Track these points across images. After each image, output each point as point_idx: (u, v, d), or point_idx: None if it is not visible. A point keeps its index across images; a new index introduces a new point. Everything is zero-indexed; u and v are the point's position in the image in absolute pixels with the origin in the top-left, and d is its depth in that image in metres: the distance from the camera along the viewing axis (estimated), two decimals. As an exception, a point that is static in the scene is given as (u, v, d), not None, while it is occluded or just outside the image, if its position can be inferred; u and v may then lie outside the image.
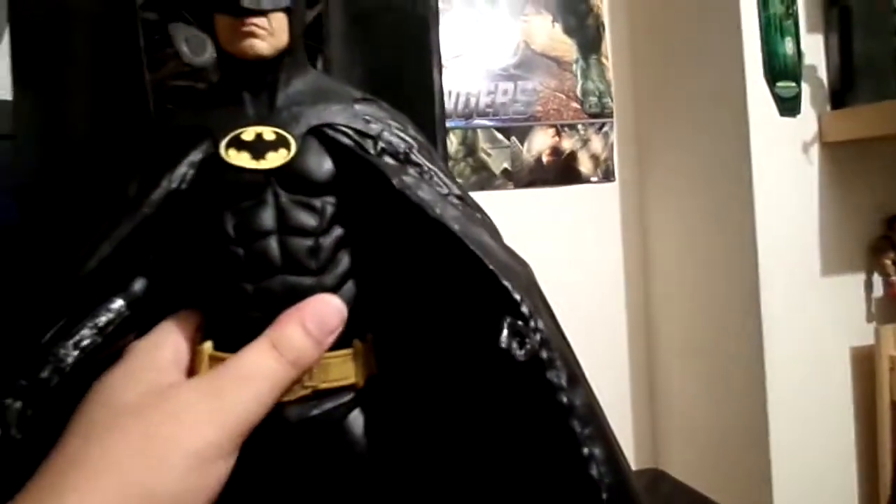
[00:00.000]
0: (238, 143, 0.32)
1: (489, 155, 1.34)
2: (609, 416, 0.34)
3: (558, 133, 1.37)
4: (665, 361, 1.36)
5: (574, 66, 1.38)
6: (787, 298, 1.09)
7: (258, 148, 0.32)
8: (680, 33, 1.24)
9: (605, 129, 1.40)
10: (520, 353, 0.31)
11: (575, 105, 1.38)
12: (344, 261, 0.34)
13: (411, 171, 0.35)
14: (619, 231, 1.40)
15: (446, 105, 1.32)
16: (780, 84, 1.05)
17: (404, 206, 0.32)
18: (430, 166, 0.36)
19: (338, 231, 0.34)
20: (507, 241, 0.36)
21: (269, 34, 0.33)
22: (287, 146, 0.32)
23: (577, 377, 0.32)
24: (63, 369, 0.30)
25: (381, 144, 0.34)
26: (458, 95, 1.33)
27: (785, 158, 1.09)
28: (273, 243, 0.32)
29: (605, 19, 1.39)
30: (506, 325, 0.31)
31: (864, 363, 1.12)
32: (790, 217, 1.09)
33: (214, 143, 0.32)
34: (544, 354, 0.31)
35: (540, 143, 1.37)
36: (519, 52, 1.35)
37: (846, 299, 1.13)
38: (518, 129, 1.36)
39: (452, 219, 0.33)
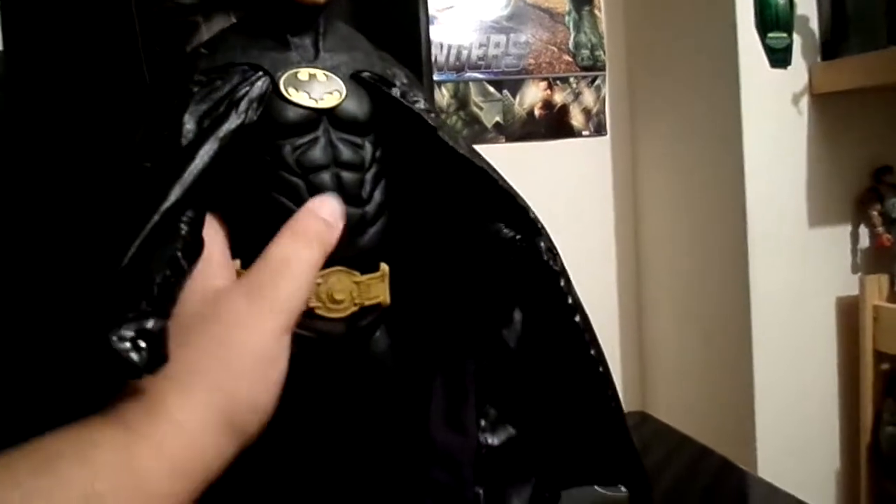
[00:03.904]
0: (295, 83, 0.35)
1: (481, 108, 1.34)
2: None
3: (550, 86, 1.37)
4: (654, 310, 1.38)
5: (566, 18, 1.37)
6: (774, 249, 1.10)
7: (314, 88, 0.35)
8: (673, -16, 1.24)
9: (598, 82, 1.39)
10: (555, 266, 0.40)
11: (567, 58, 1.38)
12: (381, 193, 0.38)
13: (433, 117, 0.39)
14: (611, 184, 1.40)
15: (438, 58, 1.32)
16: (771, 35, 1.05)
17: (440, 149, 0.38)
18: (438, 115, 0.41)
19: (375, 166, 0.38)
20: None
21: None
22: (339, 89, 0.36)
23: (573, 284, 0.41)
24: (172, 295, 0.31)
25: (400, 91, 0.38)
26: (449, 48, 1.32)
27: (775, 110, 1.10)
28: (328, 176, 0.36)
29: (598, -30, 1.38)
30: (543, 244, 0.40)
31: (850, 313, 1.14)
32: (779, 169, 1.10)
33: (272, 81, 0.35)
34: (559, 266, 0.40)
35: (532, 96, 1.36)
36: (511, 4, 1.34)
37: (833, 250, 1.15)
38: (510, 83, 1.35)
39: (487, 165, 0.40)
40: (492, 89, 1.34)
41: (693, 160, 1.22)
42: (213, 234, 0.35)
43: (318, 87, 0.36)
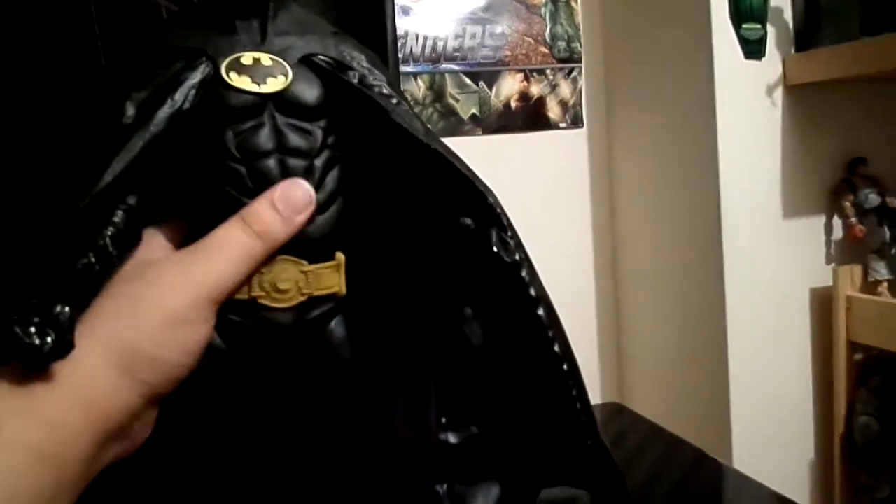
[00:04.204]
0: (238, 67, 0.34)
1: (457, 100, 1.33)
2: (576, 353, 0.40)
3: (527, 78, 1.37)
4: (631, 302, 1.38)
5: (543, 10, 1.37)
6: (748, 240, 1.11)
7: (258, 73, 0.34)
8: (648, -25, 1.23)
9: (574, 74, 1.39)
10: (507, 257, 0.38)
11: (543, 50, 1.37)
12: (333, 180, 0.37)
13: (393, 101, 0.38)
14: (588, 177, 1.40)
15: (413, 49, 1.31)
16: (745, 26, 1.05)
17: (395, 133, 0.37)
18: (400, 100, 0.39)
19: (327, 153, 0.37)
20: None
21: None
22: (284, 73, 0.35)
23: (537, 275, 0.39)
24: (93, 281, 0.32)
25: (358, 75, 0.37)
26: (425, 39, 1.31)
27: (749, 102, 1.10)
28: (273, 163, 0.35)
29: (574, -38, 1.38)
30: (494, 234, 0.38)
31: (823, 303, 1.15)
32: (753, 160, 1.11)
33: (214, 66, 0.34)
34: (517, 256, 0.38)
35: (508, 88, 1.36)
36: (487, -5, 1.33)
37: (807, 241, 1.15)
38: (486, 74, 1.35)
39: (444, 149, 0.38)
40: (468, 81, 1.34)
41: (668, 152, 1.22)
42: (160, 228, 0.35)
43: (261, 72, 0.34)
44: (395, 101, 0.37)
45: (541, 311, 0.38)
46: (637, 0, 1.28)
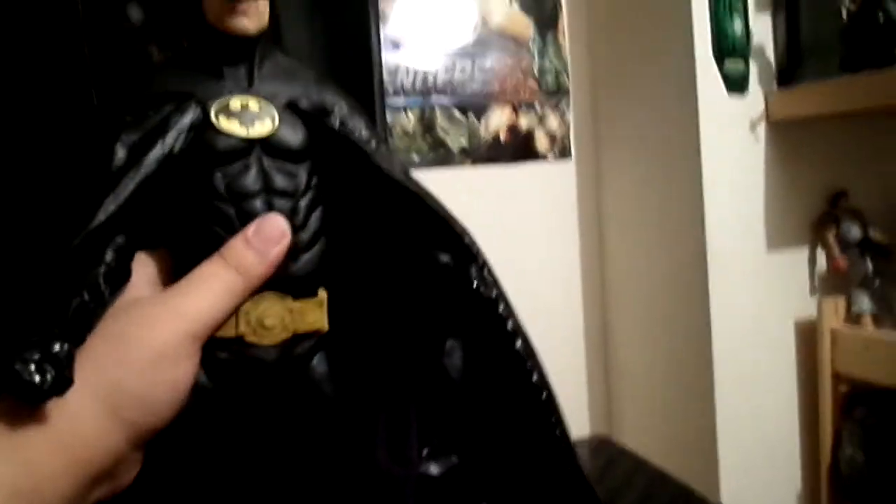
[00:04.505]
0: (227, 112, 0.36)
1: (447, 133, 1.35)
2: (566, 385, 0.40)
3: (515, 111, 1.38)
4: (619, 333, 1.39)
5: (531, 44, 1.39)
6: (734, 274, 1.12)
7: (245, 117, 0.36)
8: (634, 12, 1.26)
9: (562, 107, 1.41)
10: (486, 293, 0.40)
11: (532, 83, 1.39)
12: (316, 219, 0.38)
13: (372, 145, 0.39)
14: (576, 208, 1.42)
15: (404, 83, 1.33)
16: (728, 63, 1.07)
17: (376, 175, 0.38)
18: (379, 143, 0.40)
19: (311, 193, 0.38)
20: (466, 217, 0.42)
21: (257, 14, 0.37)
22: (271, 117, 0.36)
23: (514, 309, 0.40)
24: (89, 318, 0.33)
25: (339, 120, 0.39)
26: (415, 73, 1.33)
27: (733, 137, 1.12)
28: (259, 203, 0.36)
29: (562, -2, 1.40)
30: (473, 271, 0.40)
31: (808, 336, 1.16)
32: (737, 194, 1.12)
33: (203, 110, 0.35)
34: (494, 293, 0.40)
35: (497, 120, 1.38)
36: (476, 30, 1.36)
37: (791, 274, 1.17)
38: (476, 107, 1.36)
39: (422, 191, 0.40)
40: (457, 114, 1.35)
41: (655, 184, 1.24)
42: (147, 260, 0.36)
43: (249, 116, 0.36)
44: (374, 144, 0.39)
45: (518, 344, 0.40)
46: (623, 35, 1.30)
